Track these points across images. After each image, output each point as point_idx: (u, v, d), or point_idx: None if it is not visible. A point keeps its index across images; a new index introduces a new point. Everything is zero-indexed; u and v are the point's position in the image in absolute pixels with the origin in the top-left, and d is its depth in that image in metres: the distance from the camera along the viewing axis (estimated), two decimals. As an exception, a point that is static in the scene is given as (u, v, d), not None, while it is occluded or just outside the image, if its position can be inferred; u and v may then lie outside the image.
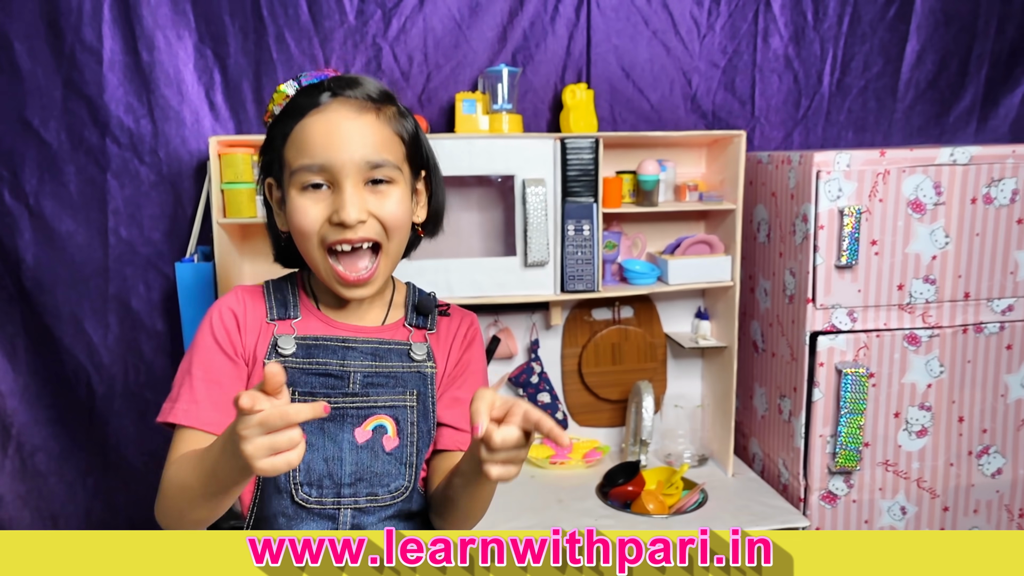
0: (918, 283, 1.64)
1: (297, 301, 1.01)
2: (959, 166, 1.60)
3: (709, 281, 1.81)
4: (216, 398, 0.93)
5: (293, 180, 0.92)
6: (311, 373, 0.96)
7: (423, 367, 1.01)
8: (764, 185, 1.82)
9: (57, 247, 1.82)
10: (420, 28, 1.85)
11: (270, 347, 0.97)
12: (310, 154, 0.90)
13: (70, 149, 1.79)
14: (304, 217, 0.91)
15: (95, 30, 1.74)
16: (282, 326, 0.98)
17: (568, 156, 1.67)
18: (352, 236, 0.91)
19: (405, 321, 1.05)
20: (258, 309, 0.99)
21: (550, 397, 1.97)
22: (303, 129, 0.91)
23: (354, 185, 0.90)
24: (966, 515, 1.73)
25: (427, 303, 1.06)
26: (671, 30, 1.94)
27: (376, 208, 0.92)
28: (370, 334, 1.01)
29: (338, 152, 0.89)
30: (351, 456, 0.94)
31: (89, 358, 1.86)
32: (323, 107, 0.91)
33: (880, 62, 2.04)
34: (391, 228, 0.94)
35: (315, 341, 0.97)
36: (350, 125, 0.90)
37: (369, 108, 0.92)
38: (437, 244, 1.79)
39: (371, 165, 0.91)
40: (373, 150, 0.91)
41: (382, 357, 0.99)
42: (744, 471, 1.90)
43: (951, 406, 1.69)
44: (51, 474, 1.90)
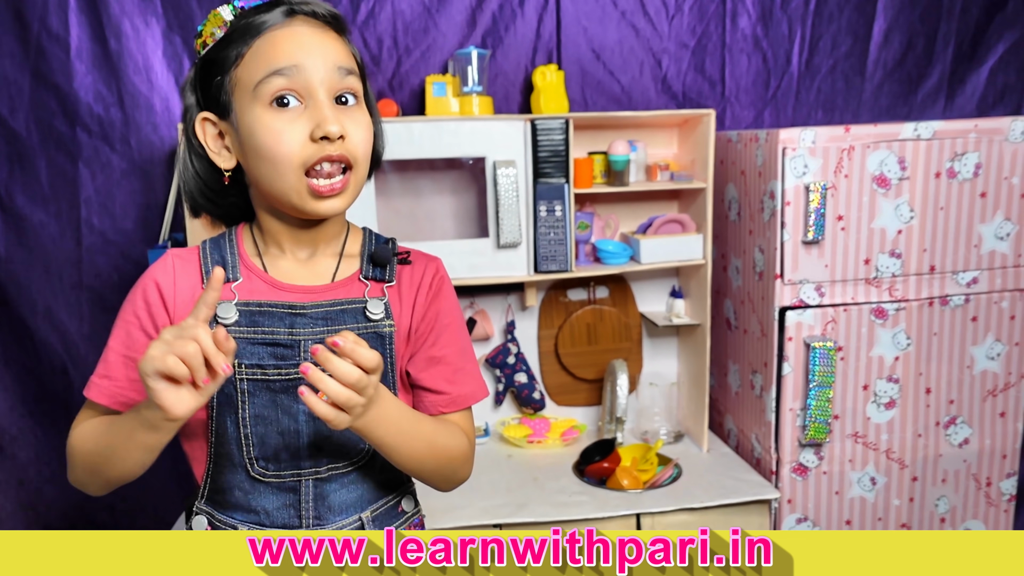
0: (884, 257, 1.66)
1: (237, 261, 0.93)
2: (923, 141, 1.62)
3: (681, 260, 1.83)
4: (132, 375, 0.88)
5: (258, 94, 0.84)
6: (258, 343, 0.88)
7: (380, 327, 0.91)
8: (734, 164, 1.84)
9: (30, 238, 1.81)
10: (389, 12, 1.85)
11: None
12: (281, 59, 0.83)
13: (40, 139, 1.78)
14: (280, 136, 0.83)
15: (61, 18, 1.73)
16: (223, 291, 0.87)
17: (539, 137, 1.68)
18: (334, 152, 0.84)
19: (361, 274, 0.95)
20: (192, 275, 0.92)
21: (527, 378, 1.99)
22: (267, 41, 0.84)
23: (327, 97, 0.85)
24: (934, 485, 1.77)
25: (383, 253, 0.95)
26: (640, 11, 1.95)
27: (348, 128, 0.86)
28: (321, 294, 0.92)
29: (311, 57, 0.84)
30: (308, 427, 0.89)
31: (64, 348, 1.86)
32: (287, 22, 0.85)
33: (848, 42, 2.07)
34: (362, 153, 0.88)
35: (259, 307, 0.89)
36: (315, 37, 0.86)
37: (328, 27, 0.88)
38: (409, 227, 1.81)
39: (344, 71, 0.86)
40: (342, 57, 0.86)
41: (334, 320, 0.90)
42: (719, 446, 1.92)
43: (918, 378, 1.72)
44: (29, 464, 1.90)
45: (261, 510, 0.90)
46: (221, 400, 0.89)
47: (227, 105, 0.87)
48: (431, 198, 1.81)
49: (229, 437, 0.89)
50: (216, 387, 0.75)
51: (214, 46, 0.87)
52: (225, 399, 0.89)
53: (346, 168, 0.86)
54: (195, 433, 0.93)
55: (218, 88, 0.87)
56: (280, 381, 0.88)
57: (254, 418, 0.89)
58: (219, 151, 0.90)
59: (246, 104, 0.85)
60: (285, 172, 0.84)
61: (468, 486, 1.69)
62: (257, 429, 0.89)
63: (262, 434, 0.89)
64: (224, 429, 0.89)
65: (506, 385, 1.99)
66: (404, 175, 1.78)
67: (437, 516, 1.57)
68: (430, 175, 1.80)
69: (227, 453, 0.90)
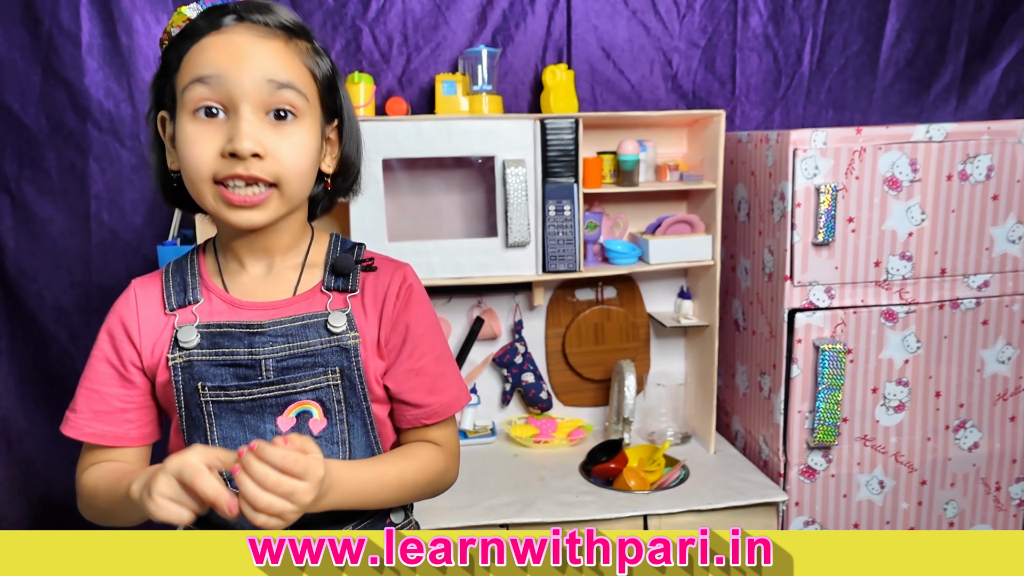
0: (894, 260, 1.65)
1: (197, 283, 0.91)
2: (935, 143, 1.61)
3: (690, 260, 1.82)
4: (94, 407, 0.90)
5: (184, 101, 0.81)
6: (219, 364, 0.87)
7: (343, 340, 0.89)
8: (743, 164, 1.83)
9: (39, 233, 1.82)
10: (399, 9, 1.85)
11: (172, 342, 0.88)
12: (205, 67, 0.80)
13: (50, 134, 1.79)
14: (192, 147, 0.80)
15: (72, 13, 1.73)
16: (183, 315, 0.89)
17: (548, 137, 1.67)
18: (243, 172, 0.80)
19: (323, 286, 0.92)
20: (154, 303, 0.90)
21: (534, 377, 1.99)
22: (199, 48, 0.81)
23: (253, 111, 0.80)
24: (943, 488, 1.76)
25: (344, 262, 0.92)
26: (651, 10, 1.94)
27: (274, 145, 0.81)
28: (281, 310, 0.89)
29: (237, 68, 0.79)
30: None
31: (72, 343, 1.87)
32: (226, 28, 0.81)
33: (859, 40, 2.05)
34: (289, 171, 0.83)
35: (219, 328, 0.88)
36: (253, 47, 0.81)
37: (278, 35, 0.83)
38: (418, 226, 1.81)
39: (276, 85, 0.81)
40: (279, 70, 0.81)
41: (295, 336, 0.88)
42: (726, 448, 1.92)
43: (928, 381, 1.71)
44: (38, 458, 1.91)
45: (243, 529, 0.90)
46: (189, 423, 0.89)
47: (172, 108, 0.85)
48: (440, 196, 1.81)
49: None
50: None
51: (168, 45, 0.85)
52: (193, 423, 0.89)
53: (272, 187, 0.84)
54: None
55: (168, 94, 0.86)
56: (244, 402, 0.88)
57: (223, 440, 0.88)
58: (171, 151, 0.88)
59: (179, 109, 0.83)
60: (198, 182, 0.82)
61: (474, 485, 1.70)
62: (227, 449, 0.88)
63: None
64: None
65: (513, 385, 1.99)
66: (413, 173, 1.78)
67: (443, 514, 1.57)
68: (439, 173, 1.80)
69: None
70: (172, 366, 0.88)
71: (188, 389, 0.88)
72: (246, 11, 0.83)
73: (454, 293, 1.93)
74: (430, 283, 1.54)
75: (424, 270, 1.66)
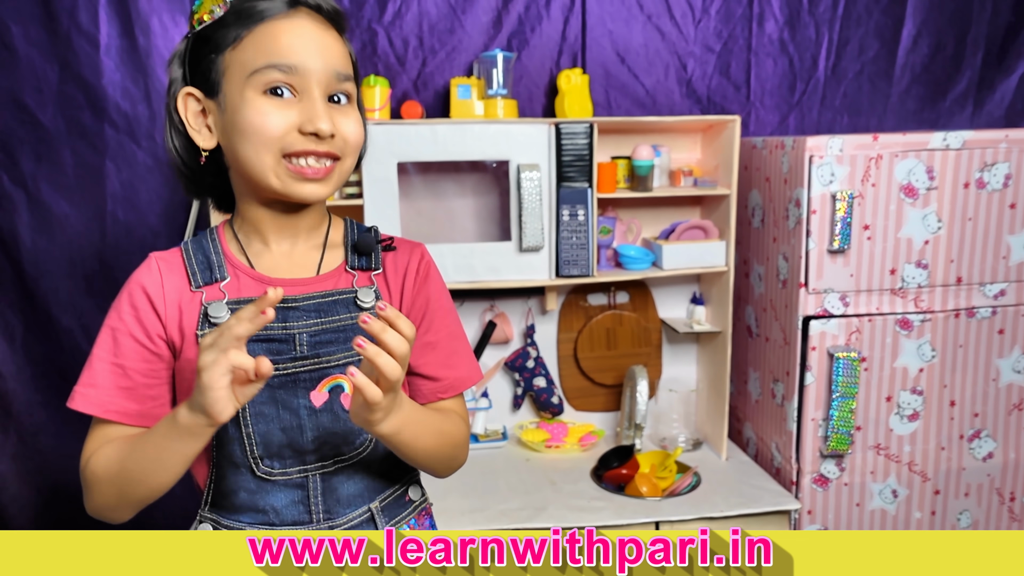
0: (910, 267, 1.64)
1: (223, 260, 0.91)
2: (952, 151, 1.60)
3: (703, 266, 1.82)
4: (119, 382, 0.86)
5: (252, 81, 0.83)
6: (252, 340, 0.86)
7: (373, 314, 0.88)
8: (758, 170, 1.83)
9: (55, 230, 1.83)
10: (415, 12, 1.85)
11: (201, 318, 0.87)
12: (281, 54, 0.83)
13: (67, 133, 1.79)
14: (266, 119, 0.83)
15: (91, 14, 1.74)
16: (210, 292, 0.89)
17: (563, 141, 1.67)
18: (319, 149, 0.85)
19: (347, 265, 0.95)
20: (178, 279, 0.89)
21: (546, 381, 1.98)
22: (268, 30, 0.84)
23: (321, 96, 0.85)
24: (957, 498, 1.75)
25: (367, 241, 0.95)
26: (666, 14, 1.94)
27: (340, 125, 0.86)
28: (309, 286, 0.91)
29: (311, 58, 0.84)
30: (310, 422, 0.88)
31: (87, 339, 1.87)
32: (290, 13, 0.85)
33: (875, 46, 2.04)
34: (351, 147, 0.88)
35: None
36: (321, 35, 0.86)
37: (331, 25, 0.88)
38: (431, 229, 1.81)
39: (340, 76, 0.86)
40: (341, 62, 0.87)
41: (327, 312, 0.90)
42: (738, 455, 1.91)
43: (943, 390, 1.70)
44: (51, 453, 1.92)
45: (270, 509, 0.89)
46: None
47: (216, 84, 0.86)
48: (454, 200, 1.81)
49: (231, 438, 0.88)
50: (256, 390, 0.76)
51: (211, 24, 0.86)
52: None
53: (333, 159, 0.88)
54: None
55: (208, 66, 0.86)
56: (278, 377, 0.87)
57: (255, 416, 0.87)
58: (200, 129, 0.88)
59: (237, 86, 0.84)
60: (264, 153, 0.84)
61: (485, 489, 1.70)
62: (259, 427, 0.87)
63: (264, 432, 0.87)
64: (225, 431, 0.87)
65: (525, 389, 1.99)
66: (427, 176, 1.78)
67: (455, 518, 1.57)
68: (453, 177, 1.80)
69: (229, 455, 0.89)
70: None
71: None
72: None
73: (467, 296, 1.93)
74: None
75: (437, 273, 1.66)
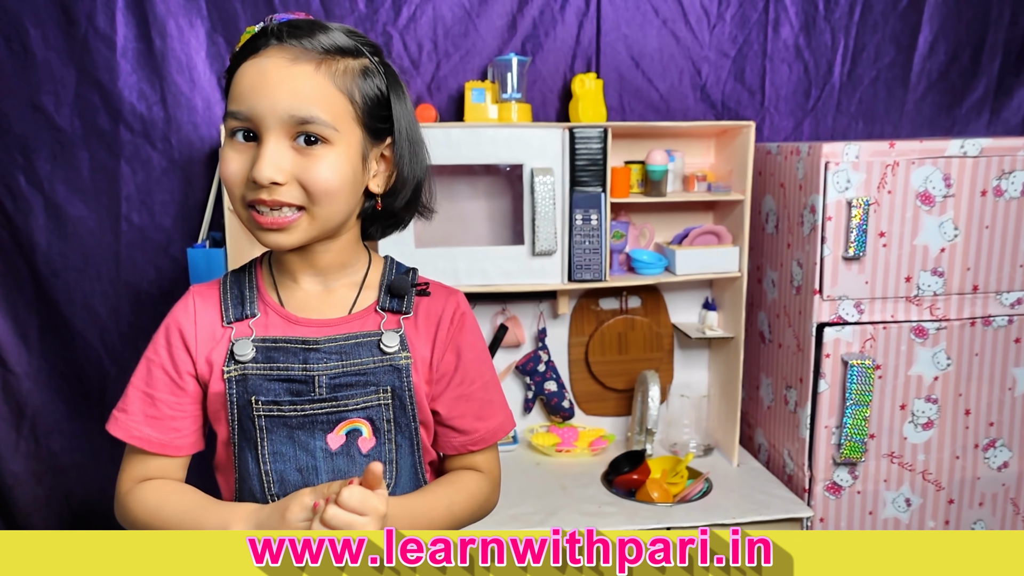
0: (926, 275, 1.63)
1: (255, 296, 0.93)
2: (969, 158, 1.59)
3: (716, 272, 1.81)
4: (147, 410, 0.90)
5: (225, 126, 0.85)
6: (273, 379, 0.88)
7: (396, 359, 0.90)
8: (772, 176, 1.82)
9: (70, 232, 1.84)
10: (430, 16, 1.85)
11: (228, 354, 0.89)
12: (236, 100, 0.83)
13: (83, 135, 1.81)
14: (226, 168, 0.84)
15: (108, 17, 1.75)
16: (240, 328, 0.90)
17: (576, 145, 1.67)
18: (267, 197, 0.82)
19: (377, 305, 0.93)
20: (212, 313, 0.92)
21: (557, 385, 1.98)
22: (238, 75, 0.83)
23: (276, 140, 0.81)
24: (971, 508, 1.74)
25: (401, 283, 0.93)
26: (681, 19, 1.94)
27: (301, 171, 0.82)
28: (336, 327, 0.91)
29: (260, 100, 0.81)
30: (326, 464, 0.89)
31: (101, 341, 1.89)
32: (260, 52, 0.82)
33: (892, 52, 2.03)
34: (317, 194, 0.83)
35: (274, 343, 0.89)
36: (279, 74, 0.81)
37: (309, 58, 0.82)
38: (444, 232, 1.81)
39: (296, 120, 0.81)
40: (300, 103, 0.81)
41: (348, 354, 0.89)
42: (749, 461, 1.90)
43: (958, 399, 1.69)
44: (64, 454, 1.93)
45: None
46: (241, 436, 0.90)
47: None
48: (467, 203, 1.81)
49: (251, 473, 0.90)
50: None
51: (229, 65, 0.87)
52: (245, 435, 0.90)
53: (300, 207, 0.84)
54: (226, 467, 0.94)
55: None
56: (296, 417, 0.89)
57: (273, 455, 0.89)
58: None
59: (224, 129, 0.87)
60: (235, 202, 0.86)
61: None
62: (276, 466, 0.89)
63: (281, 471, 0.89)
64: (246, 465, 0.90)
65: (535, 393, 1.99)
66: (440, 180, 1.77)
67: (466, 523, 1.57)
68: (467, 180, 1.80)
69: (250, 488, 0.91)
70: (227, 379, 0.89)
71: (241, 402, 0.89)
72: (289, 33, 0.83)
73: (479, 300, 1.93)
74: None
75: (450, 276, 1.67)
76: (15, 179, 1.80)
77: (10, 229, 1.82)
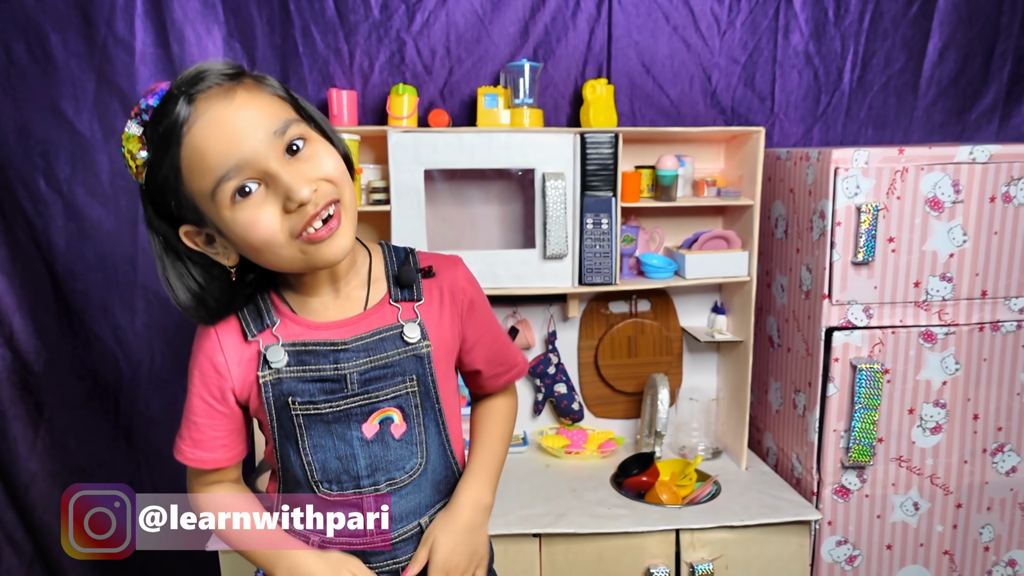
0: (935, 280, 1.64)
1: (270, 306, 0.95)
2: (978, 164, 1.60)
3: (726, 276, 1.82)
4: (193, 435, 0.97)
5: (219, 202, 0.81)
6: (307, 380, 0.93)
7: (418, 349, 0.96)
8: (782, 181, 1.83)
9: (88, 234, 1.87)
10: (443, 22, 1.88)
11: (260, 361, 0.93)
12: (215, 165, 0.80)
13: (102, 139, 1.84)
14: (259, 228, 0.82)
15: (127, 23, 1.78)
16: (265, 337, 0.94)
17: (588, 150, 1.69)
18: (314, 210, 0.83)
19: (390, 298, 0.98)
20: (234, 337, 0.94)
21: (566, 388, 2.00)
22: (192, 150, 0.80)
23: (279, 164, 0.81)
24: (979, 512, 1.74)
25: (408, 275, 0.98)
26: (691, 26, 1.95)
27: (311, 172, 0.83)
28: (355, 325, 0.95)
29: (239, 144, 0.80)
30: (363, 451, 0.96)
31: (117, 343, 1.91)
32: (196, 113, 0.79)
33: (902, 59, 2.04)
34: (337, 179, 0.86)
35: (304, 347, 0.93)
36: (229, 113, 0.80)
37: (232, 88, 0.81)
38: (457, 235, 1.83)
39: (279, 133, 0.82)
40: (266, 119, 0.82)
41: (374, 350, 0.94)
42: (757, 464, 1.91)
43: (966, 403, 1.69)
44: (80, 453, 1.96)
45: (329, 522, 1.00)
46: (281, 433, 0.96)
47: (198, 214, 0.85)
48: (479, 207, 1.83)
49: (293, 464, 0.97)
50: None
51: (147, 172, 0.83)
52: (285, 433, 0.96)
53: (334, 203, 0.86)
54: (271, 457, 1.01)
55: (179, 208, 0.85)
56: (332, 413, 0.95)
57: (314, 448, 0.96)
58: (218, 251, 0.89)
59: (214, 211, 0.83)
60: (279, 250, 0.85)
61: (507, 494, 1.72)
62: (317, 456, 0.96)
63: (322, 460, 0.96)
64: (288, 458, 0.97)
65: (545, 395, 2.00)
66: (453, 184, 1.80)
67: (476, 523, 1.58)
68: (479, 184, 1.82)
69: (294, 476, 0.98)
70: (263, 383, 0.93)
71: (279, 403, 0.94)
72: (189, 87, 0.80)
73: (489, 303, 1.94)
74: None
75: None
76: (35, 182, 1.83)
77: (30, 232, 1.85)
